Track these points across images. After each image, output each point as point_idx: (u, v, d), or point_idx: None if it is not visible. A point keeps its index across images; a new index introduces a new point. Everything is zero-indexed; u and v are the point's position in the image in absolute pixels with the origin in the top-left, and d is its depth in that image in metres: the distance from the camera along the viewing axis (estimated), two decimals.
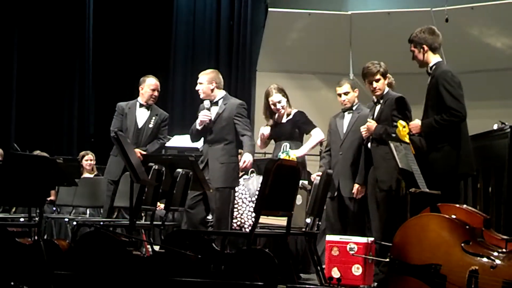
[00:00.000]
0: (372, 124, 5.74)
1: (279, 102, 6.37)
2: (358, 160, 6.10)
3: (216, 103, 6.44)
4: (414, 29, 5.20)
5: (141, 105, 6.87)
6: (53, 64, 11.33)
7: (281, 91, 6.41)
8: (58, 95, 11.40)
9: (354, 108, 6.30)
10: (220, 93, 6.48)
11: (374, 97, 5.92)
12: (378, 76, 5.79)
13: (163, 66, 12.06)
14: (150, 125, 6.81)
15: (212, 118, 6.34)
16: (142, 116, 6.86)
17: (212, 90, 6.44)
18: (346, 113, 6.33)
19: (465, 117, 4.86)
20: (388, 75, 5.94)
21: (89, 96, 11.49)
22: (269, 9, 11.75)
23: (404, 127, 4.91)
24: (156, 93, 6.90)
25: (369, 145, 5.83)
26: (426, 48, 5.06)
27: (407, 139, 4.88)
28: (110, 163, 6.87)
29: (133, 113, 6.85)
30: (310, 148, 6.45)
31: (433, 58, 5.07)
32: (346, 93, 6.29)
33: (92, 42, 11.54)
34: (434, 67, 5.03)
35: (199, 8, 12.11)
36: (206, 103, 6.39)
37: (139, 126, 6.80)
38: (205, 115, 6.32)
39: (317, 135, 6.38)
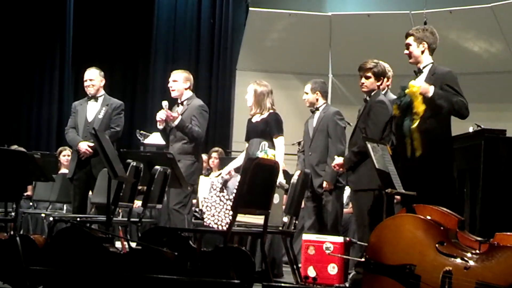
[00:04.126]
0: (337, 163, 5.80)
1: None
2: (324, 160, 6.32)
3: (182, 103, 6.58)
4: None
5: (89, 99, 6.83)
6: (32, 58, 11.27)
7: (255, 92, 6.41)
8: (37, 90, 11.35)
9: (320, 108, 6.48)
10: (187, 94, 6.60)
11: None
12: (369, 74, 5.74)
13: (143, 64, 12.05)
14: (100, 116, 6.72)
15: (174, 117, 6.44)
16: (92, 109, 6.79)
17: (185, 90, 6.57)
18: (315, 114, 6.52)
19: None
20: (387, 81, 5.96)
21: (68, 92, 11.45)
22: (250, 8, 11.76)
23: (414, 87, 4.93)
24: (86, 83, 6.79)
25: None
26: (426, 46, 5.13)
27: (420, 99, 4.89)
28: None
29: (84, 108, 6.80)
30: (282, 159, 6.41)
31: (427, 58, 5.15)
32: (306, 93, 6.56)
33: (72, 38, 11.48)
34: (431, 65, 5.12)
35: (180, 6, 12.10)
36: (164, 104, 6.47)
37: (89, 120, 6.73)
38: (159, 116, 6.43)
39: (279, 145, 6.29)
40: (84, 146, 6.57)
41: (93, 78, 6.79)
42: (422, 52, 5.13)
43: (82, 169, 6.63)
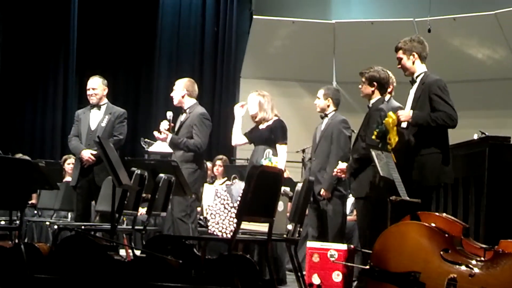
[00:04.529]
0: (342, 166, 5.84)
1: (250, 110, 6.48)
2: (325, 166, 6.29)
3: (185, 111, 6.58)
4: (397, 38, 5.25)
5: (92, 107, 6.83)
6: (36, 66, 11.29)
7: (259, 103, 6.44)
8: (41, 98, 11.37)
9: (329, 115, 6.45)
10: (189, 102, 6.59)
11: None
12: (362, 79, 5.80)
13: (147, 71, 12.06)
14: (103, 124, 6.72)
15: (176, 127, 6.49)
16: (95, 117, 6.79)
17: (182, 97, 6.58)
18: (323, 120, 6.51)
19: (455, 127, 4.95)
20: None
21: (72, 99, 11.47)
22: (254, 16, 11.79)
23: (390, 118, 4.94)
24: (89, 92, 6.81)
25: None
26: (416, 56, 5.12)
27: (394, 131, 4.92)
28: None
29: (87, 117, 6.81)
30: (283, 166, 6.45)
31: (420, 67, 5.13)
32: (318, 98, 6.49)
33: (76, 46, 11.51)
34: (423, 75, 5.10)
35: (184, 14, 12.13)
36: (169, 114, 6.50)
37: (92, 128, 6.73)
38: (163, 126, 6.45)
39: (282, 153, 6.34)
40: (87, 154, 6.59)
41: (96, 87, 6.81)
42: (413, 62, 5.14)
43: (85, 177, 6.63)
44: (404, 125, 5.07)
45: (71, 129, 7.00)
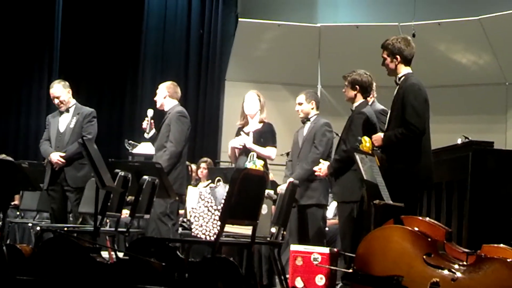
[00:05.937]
0: (322, 167, 5.84)
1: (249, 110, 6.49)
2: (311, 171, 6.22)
3: (166, 113, 6.65)
4: (382, 43, 5.24)
5: (61, 112, 6.87)
6: (20, 68, 11.22)
7: (262, 104, 6.49)
8: (26, 100, 11.30)
9: (311, 119, 6.45)
10: (170, 103, 6.61)
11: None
12: (345, 82, 5.84)
13: (132, 75, 12.00)
14: (72, 126, 6.77)
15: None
16: (64, 120, 6.84)
17: (164, 98, 6.65)
18: (305, 124, 6.49)
19: (422, 133, 4.88)
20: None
21: None
22: (239, 19, 11.78)
23: (367, 143, 4.97)
24: (55, 101, 6.85)
25: None
26: (399, 59, 5.06)
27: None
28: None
29: (56, 120, 6.86)
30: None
31: (403, 69, 5.07)
32: (299, 104, 6.46)
33: (60, 48, 11.45)
34: (403, 78, 5.04)
35: (169, 16, 12.09)
36: (149, 112, 6.62)
37: (61, 131, 6.79)
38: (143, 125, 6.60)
39: (269, 154, 6.39)
40: (56, 157, 6.61)
41: (59, 94, 6.84)
42: (396, 65, 5.08)
43: (57, 179, 6.66)
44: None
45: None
